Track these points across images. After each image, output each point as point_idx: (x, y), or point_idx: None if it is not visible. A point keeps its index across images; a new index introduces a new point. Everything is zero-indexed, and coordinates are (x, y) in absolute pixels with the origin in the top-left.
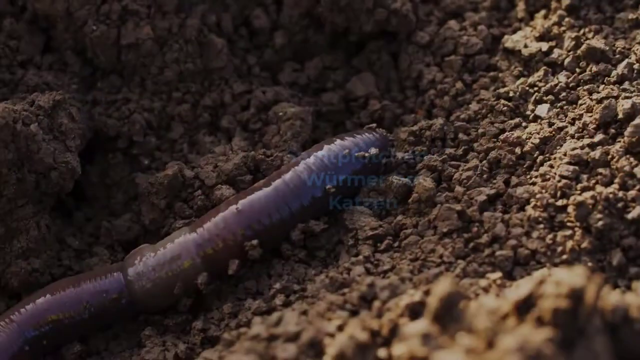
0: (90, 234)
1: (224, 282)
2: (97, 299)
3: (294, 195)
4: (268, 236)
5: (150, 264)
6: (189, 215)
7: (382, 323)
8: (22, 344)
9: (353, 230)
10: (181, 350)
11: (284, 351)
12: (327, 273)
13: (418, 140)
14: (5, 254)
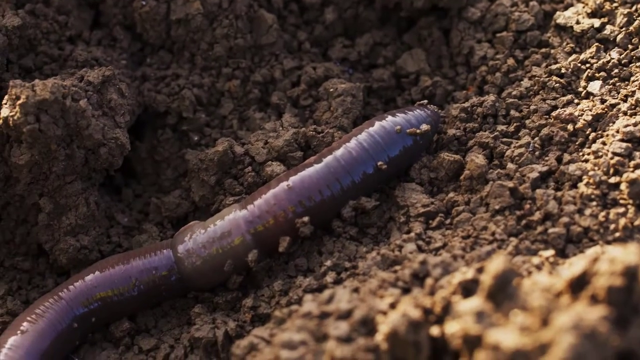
0: (139, 210)
1: (275, 260)
2: (147, 276)
3: (345, 172)
4: (319, 213)
5: (200, 241)
6: (239, 192)
7: (434, 301)
8: (71, 321)
9: (404, 207)
10: (231, 328)
11: (336, 329)
12: (379, 250)
13: (469, 116)
14: (54, 231)
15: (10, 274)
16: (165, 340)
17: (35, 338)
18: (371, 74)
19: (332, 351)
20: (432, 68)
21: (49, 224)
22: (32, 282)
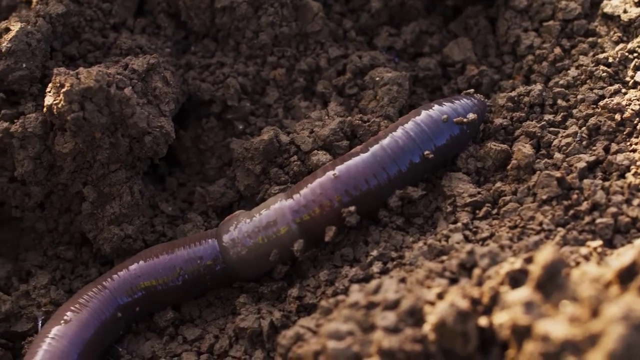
0: (184, 199)
1: (320, 249)
2: (191, 266)
3: (391, 161)
4: (365, 202)
5: (245, 231)
6: (285, 181)
7: (482, 291)
8: (115, 310)
9: (451, 196)
10: (277, 318)
11: (383, 319)
12: (425, 240)
13: (516, 106)
14: (97, 220)
15: (53, 263)
16: (209, 331)
17: (78, 328)
18: (417, 62)
19: (380, 341)
20: (479, 57)
21: (93, 213)
22: (76, 271)
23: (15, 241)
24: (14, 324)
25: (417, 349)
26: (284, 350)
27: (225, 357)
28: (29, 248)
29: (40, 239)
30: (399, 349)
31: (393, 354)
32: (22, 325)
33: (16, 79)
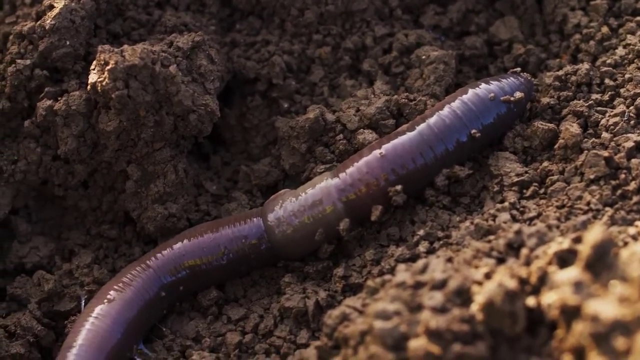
0: (228, 178)
1: (366, 228)
2: (236, 245)
3: (438, 140)
4: (412, 181)
5: (291, 209)
6: (330, 159)
7: (530, 271)
8: (159, 289)
9: (498, 176)
10: (322, 298)
11: (430, 299)
12: (472, 220)
13: (563, 85)
14: (141, 199)
15: (96, 242)
16: (254, 310)
17: (122, 307)
18: (463, 41)
19: (427, 322)
20: (525, 36)
21: (137, 192)
22: (119, 250)
23: (59, 220)
24: (57, 303)
25: (464, 329)
26: (329, 330)
27: (270, 337)
28: (72, 227)
29: (83, 217)
30: (446, 329)
31: (440, 334)
32: (65, 305)
33: (60, 56)
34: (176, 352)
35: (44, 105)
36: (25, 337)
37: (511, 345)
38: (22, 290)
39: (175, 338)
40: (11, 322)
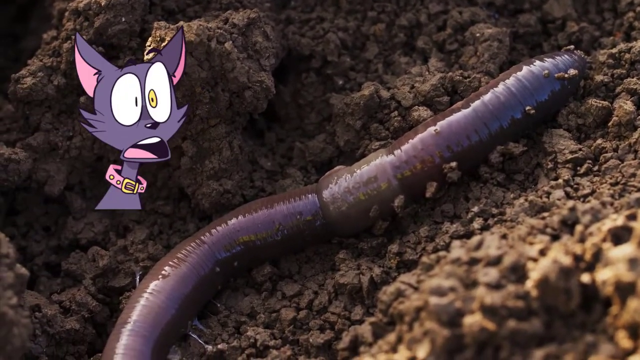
0: (283, 155)
1: (421, 205)
2: (291, 221)
3: (493, 117)
4: (466, 158)
5: (345, 186)
6: (385, 136)
7: (585, 248)
8: (213, 265)
9: (552, 153)
10: (376, 274)
11: (485, 275)
12: (526, 197)
13: (617, 63)
14: (196, 175)
15: (151, 218)
16: (308, 286)
17: (177, 282)
18: (517, 19)
19: (482, 298)
20: (579, 13)
21: (192, 168)
22: (174, 226)
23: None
24: (111, 279)
25: (519, 305)
26: (384, 307)
27: (325, 313)
28: None
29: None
30: (501, 305)
31: (495, 311)
32: (119, 281)
33: (115, 32)
34: (231, 328)
35: None
36: (80, 312)
37: (565, 321)
38: (77, 266)
39: (229, 314)
40: (66, 298)
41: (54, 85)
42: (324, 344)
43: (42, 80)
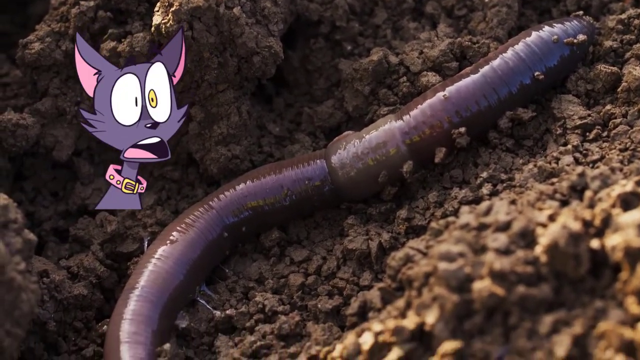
0: (291, 120)
1: (429, 171)
2: (299, 186)
3: (502, 82)
4: (475, 123)
5: (354, 152)
6: (394, 102)
7: (594, 213)
8: (221, 230)
9: (561, 119)
10: (385, 240)
11: (494, 241)
12: (535, 162)
13: (626, 28)
14: (204, 140)
15: (159, 184)
16: (317, 252)
17: (185, 248)
18: None
19: (491, 263)
20: None
21: (200, 133)
22: (182, 192)
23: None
24: (119, 245)
25: (528, 270)
26: (393, 272)
27: (333, 278)
28: None
29: None
30: (510, 270)
31: (504, 276)
32: (127, 246)
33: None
34: (239, 294)
35: (108, 47)
36: (88, 278)
37: (575, 287)
38: (85, 231)
39: (238, 279)
40: (74, 264)
41: (62, 51)
42: (332, 310)
43: (50, 45)
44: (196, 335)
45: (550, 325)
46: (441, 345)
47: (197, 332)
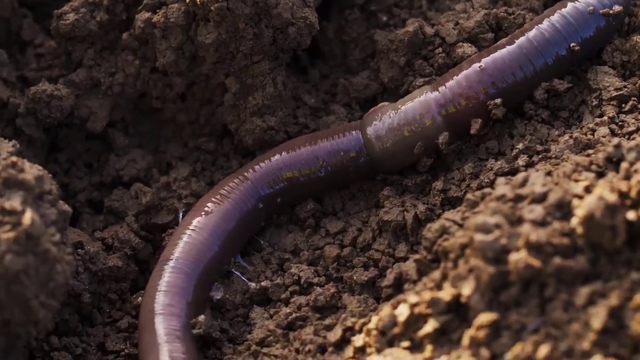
0: (326, 91)
1: (465, 142)
2: (334, 158)
3: (538, 53)
4: (511, 94)
5: (390, 123)
6: (429, 73)
7: (630, 185)
8: (256, 201)
9: (597, 90)
10: (421, 211)
11: (530, 212)
12: (571, 134)
13: None
14: (239, 111)
15: (194, 155)
16: (352, 223)
17: (219, 219)
18: None
19: (528, 235)
20: None
21: (235, 104)
22: (217, 163)
23: (156, 133)
24: (154, 216)
25: (565, 242)
26: (429, 244)
27: (369, 250)
28: (169, 140)
29: (181, 130)
30: (546, 242)
31: (541, 248)
32: (162, 217)
33: None
34: (274, 265)
35: (143, 18)
36: (123, 249)
37: (611, 258)
38: (120, 203)
39: (273, 251)
40: (109, 235)
41: (97, 22)
42: (368, 282)
43: (84, 16)
44: (231, 307)
45: (586, 297)
46: (477, 317)
47: (232, 303)
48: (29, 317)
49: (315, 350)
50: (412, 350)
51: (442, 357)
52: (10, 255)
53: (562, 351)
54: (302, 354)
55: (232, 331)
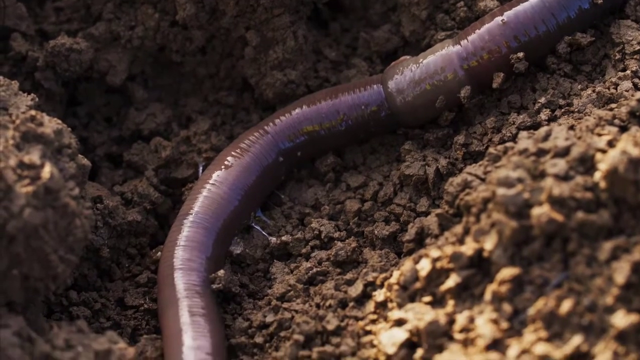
0: (347, 45)
1: (487, 96)
2: (355, 111)
3: (560, 7)
4: (533, 48)
5: (411, 77)
6: (451, 27)
7: None
8: (277, 155)
9: (620, 44)
10: (442, 165)
11: (553, 166)
12: (594, 88)
13: None
14: (260, 65)
15: (214, 109)
16: (373, 178)
17: (239, 173)
18: None
19: (550, 189)
20: None
21: (256, 58)
22: (237, 117)
23: (176, 86)
24: (174, 170)
25: (588, 196)
26: (451, 198)
27: (390, 204)
28: (189, 93)
29: (200, 84)
30: (569, 196)
31: (564, 202)
32: (182, 172)
33: None
34: (295, 220)
35: None
36: (142, 204)
37: (634, 213)
38: (139, 157)
39: (293, 205)
40: (128, 189)
41: None
42: (389, 236)
43: None
44: (251, 261)
45: (609, 252)
46: (499, 272)
47: (252, 258)
48: (48, 272)
49: (336, 305)
50: (433, 305)
51: (464, 312)
52: (29, 210)
53: (585, 306)
54: (323, 308)
55: (252, 286)
